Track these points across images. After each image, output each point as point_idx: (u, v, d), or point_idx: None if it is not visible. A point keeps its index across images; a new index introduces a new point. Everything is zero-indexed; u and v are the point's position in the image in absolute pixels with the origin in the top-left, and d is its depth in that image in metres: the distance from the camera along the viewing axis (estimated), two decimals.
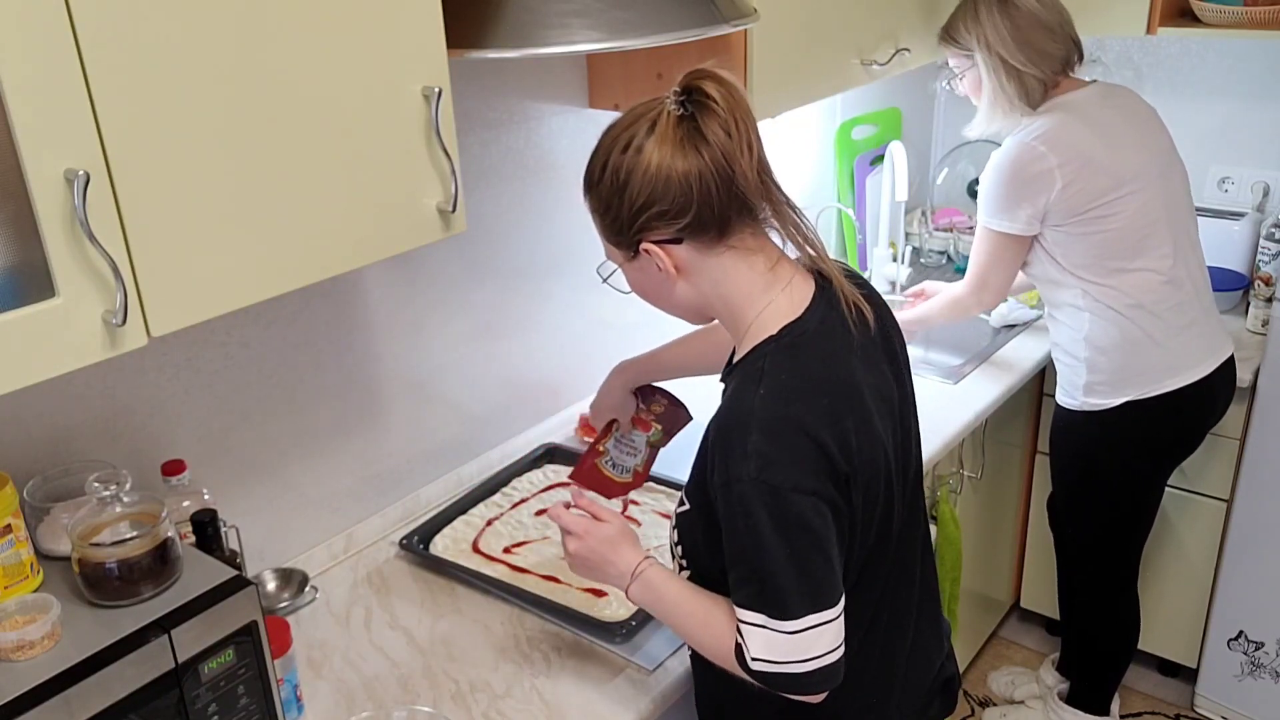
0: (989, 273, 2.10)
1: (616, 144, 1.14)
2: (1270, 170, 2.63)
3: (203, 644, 1.13)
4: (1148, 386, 2.05)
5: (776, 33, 1.77)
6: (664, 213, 1.13)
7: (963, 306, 2.19)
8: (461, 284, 1.85)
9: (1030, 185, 1.96)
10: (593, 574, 1.32)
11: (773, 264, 1.19)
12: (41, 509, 1.28)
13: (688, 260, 1.17)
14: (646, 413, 1.62)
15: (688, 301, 1.22)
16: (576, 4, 1.34)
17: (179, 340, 1.47)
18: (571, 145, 1.97)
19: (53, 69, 0.91)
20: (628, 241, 1.17)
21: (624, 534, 1.30)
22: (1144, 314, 2.01)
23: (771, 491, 1.08)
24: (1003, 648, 2.89)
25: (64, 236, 0.95)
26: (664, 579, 1.26)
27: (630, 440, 1.62)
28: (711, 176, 1.11)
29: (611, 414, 1.62)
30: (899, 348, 1.29)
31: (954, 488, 2.28)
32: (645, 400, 1.62)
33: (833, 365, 1.16)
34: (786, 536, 1.09)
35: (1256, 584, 2.42)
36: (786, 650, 1.11)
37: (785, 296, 1.18)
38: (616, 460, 1.62)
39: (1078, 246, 1.99)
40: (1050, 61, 2.00)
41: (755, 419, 1.10)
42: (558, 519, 1.33)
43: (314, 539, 1.72)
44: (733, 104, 1.10)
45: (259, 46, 1.06)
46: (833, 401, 1.13)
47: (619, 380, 1.61)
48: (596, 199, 1.18)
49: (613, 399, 1.61)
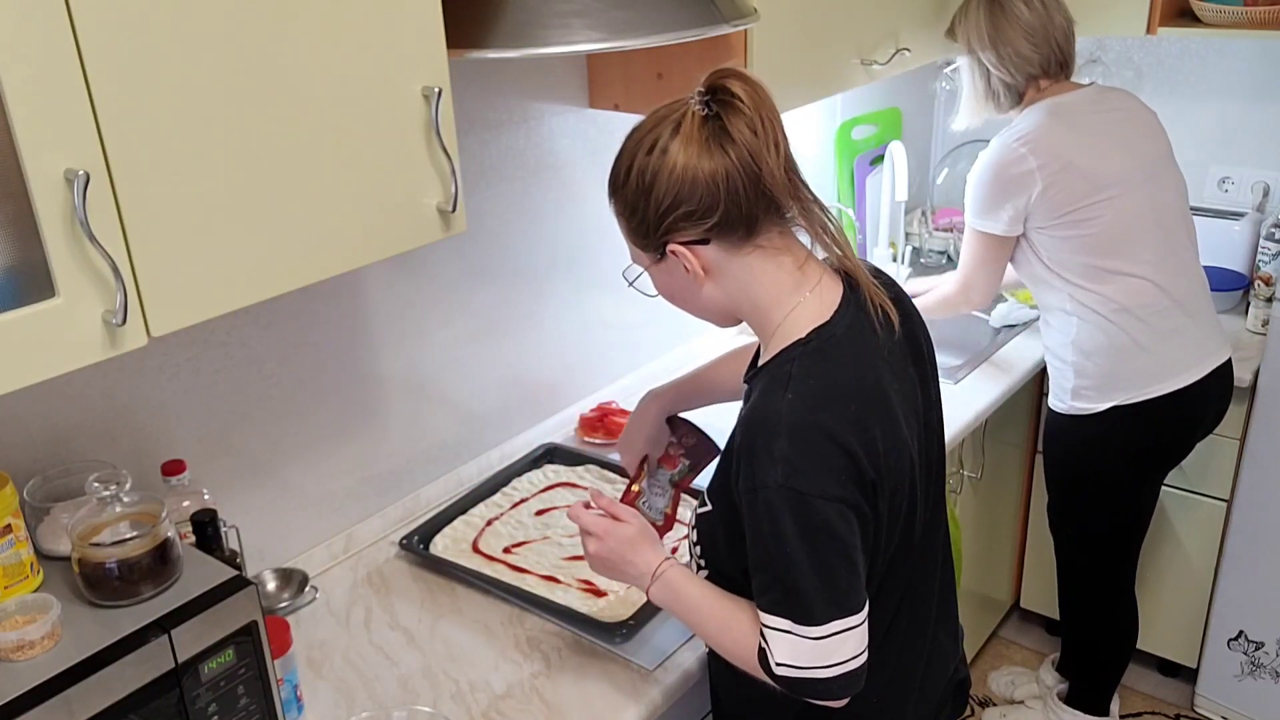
0: (974, 273, 2.12)
1: (641, 146, 1.14)
2: (1270, 170, 2.63)
3: (203, 644, 1.13)
4: (1134, 392, 2.05)
5: (776, 33, 1.77)
6: (691, 213, 1.12)
7: (951, 304, 2.21)
8: (461, 284, 1.85)
9: (1011, 186, 1.97)
10: (612, 574, 1.32)
11: (801, 264, 1.18)
12: (41, 509, 1.28)
13: (715, 261, 1.16)
14: (676, 446, 1.53)
15: (715, 303, 1.21)
16: (576, 4, 1.34)
17: (179, 340, 1.47)
18: (571, 145, 1.97)
19: (53, 69, 0.91)
20: (654, 244, 1.16)
21: (644, 534, 1.30)
22: (1130, 319, 2.01)
23: (798, 498, 1.08)
24: (1003, 648, 2.89)
25: (64, 236, 0.95)
26: (685, 580, 1.25)
27: (658, 479, 1.53)
28: (739, 175, 1.10)
29: (646, 447, 1.53)
30: (925, 348, 1.29)
31: (954, 488, 2.28)
32: (673, 433, 1.54)
33: (860, 371, 1.15)
34: (812, 543, 1.08)
35: (1256, 584, 2.42)
36: (811, 656, 1.11)
37: (814, 298, 1.17)
38: (650, 502, 1.52)
39: (1062, 249, 2.00)
40: (1024, 65, 2.01)
41: (783, 424, 1.10)
42: (577, 519, 1.32)
43: (314, 539, 1.72)
44: (758, 102, 1.10)
45: (259, 46, 1.06)
46: (860, 408, 1.12)
47: (655, 409, 1.53)
48: (622, 202, 1.17)
49: (647, 430, 1.53)
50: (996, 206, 2.00)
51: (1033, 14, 1.99)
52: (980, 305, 2.19)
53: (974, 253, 2.10)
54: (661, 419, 1.54)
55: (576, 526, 1.33)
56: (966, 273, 2.14)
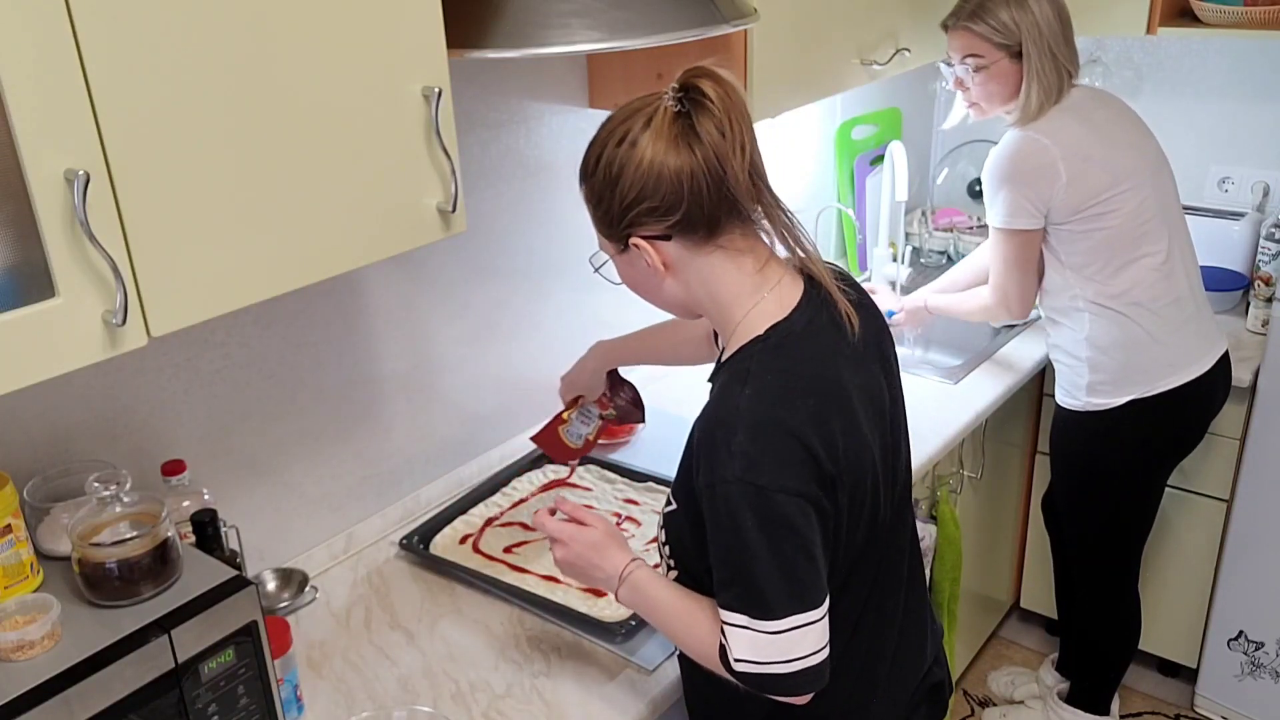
0: (1007, 279, 2.06)
1: (612, 136, 1.14)
2: (1270, 170, 2.63)
3: (203, 644, 1.13)
4: (1150, 384, 2.05)
5: (776, 33, 1.77)
6: (654, 209, 1.12)
7: (991, 313, 2.16)
8: (461, 284, 1.85)
9: (1033, 176, 1.95)
10: (581, 578, 1.33)
11: (762, 265, 1.19)
12: (41, 509, 1.28)
13: (676, 258, 1.17)
14: (609, 398, 1.75)
15: (676, 298, 1.22)
16: (576, 4, 1.34)
17: (179, 340, 1.47)
18: (571, 145, 1.97)
19: (53, 69, 0.91)
20: (618, 235, 1.17)
21: (609, 537, 1.30)
22: (1143, 311, 2.01)
23: (756, 492, 1.08)
24: (1003, 648, 2.89)
25: (64, 236, 0.95)
26: (650, 581, 1.26)
27: (588, 412, 1.76)
28: (703, 175, 1.10)
29: (581, 389, 1.75)
30: (889, 350, 1.29)
31: (954, 488, 2.28)
32: (613, 387, 1.75)
33: (819, 366, 1.15)
34: (771, 537, 1.08)
35: (1256, 584, 2.42)
36: (770, 651, 1.11)
37: (773, 297, 1.18)
38: (574, 429, 1.76)
39: (1079, 245, 1.99)
40: (1076, 58, 2.00)
41: (741, 419, 1.10)
42: (542, 526, 1.33)
43: (314, 539, 1.72)
44: (729, 104, 1.10)
45: (259, 46, 1.06)
46: (819, 403, 1.12)
47: (596, 361, 1.72)
48: (590, 190, 1.19)
49: (585, 377, 1.73)
50: (1020, 198, 1.97)
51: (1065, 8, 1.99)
52: (1021, 314, 2.11)
53: (1003, 256, 2.04)
54: (601, 372, 1.73)
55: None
56: (1000, 280, 2.08)
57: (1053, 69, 1.97)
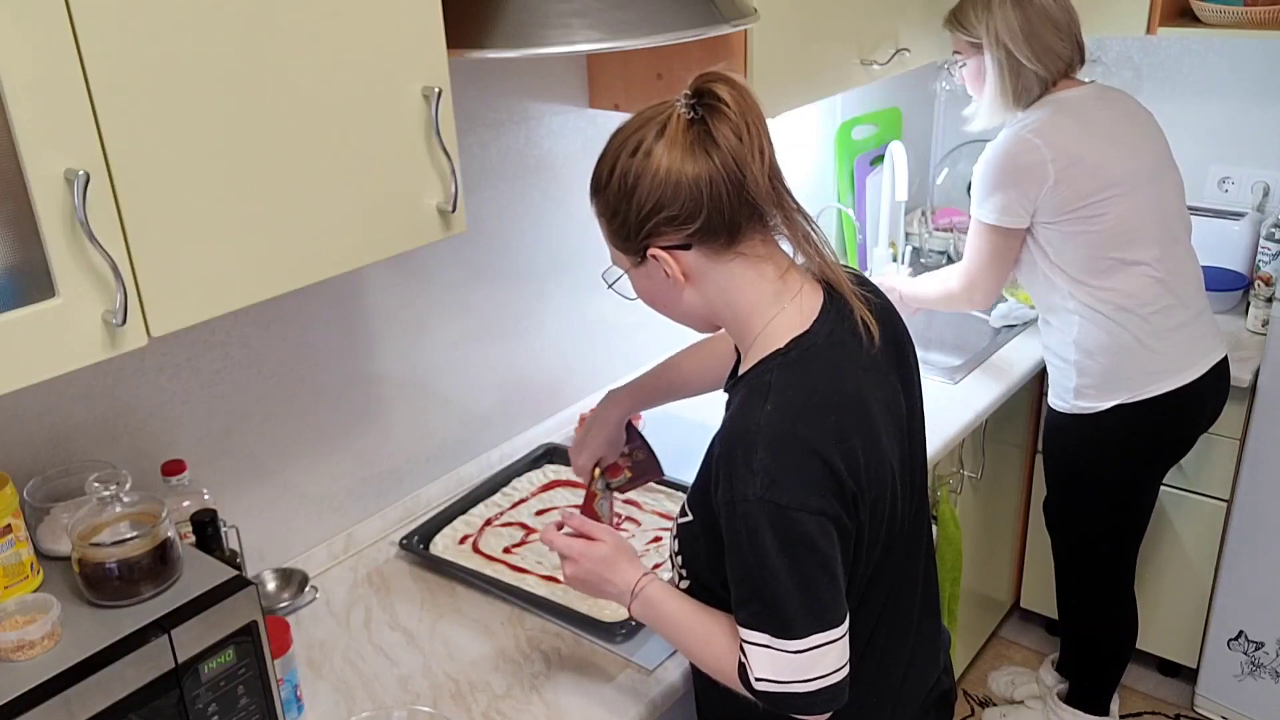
0: (979, 271, 2.08)
1: (625, 147, 1.12)
2: (1270, 170, 2.63)
3: (203, 644, 1.13)
4: (1136, 390, 2.05)
5: (776, 33, 1.77)
6: (673, 218, 1.11)
7: (954, 300, 2.18)
8: (461, 284, 1.85)
9: (1023, 175, 1.95)
10: (592, 593, 1.31)
11: (782, 272, 1.17)
12: (41, 509, 1.28)
13: (696, 267, 1.15)
14: (626, 457, 1.52)
15: (695, 309, 1.20)
16: (576, 4, 1.34)
17: (179, 340, 1.47)
18: (571, 145, 1.97)
19: (53, 69, 0.91)
20: (635, 247, 1.15)
21: (619, 551, 1.28)
22: (1132, 317, 2.01)
23: (777, 510, 1.07)
24: (1003, 648, 2.89)
25: (64, 236, 0.95)
26: (664, 595, 1.24)
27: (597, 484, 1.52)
28: (722, 181, 1.09)
29: (604, 449, 1.51)
30: (910, 355, 1.28)
31: (954, 488, 2.28)
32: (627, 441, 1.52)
33: (840, 381, 1.13)
34: (792, 556, 1.07)
35: (1256, 584, 2.42)
36: (791, 670, 1.10)
37: (794, 307, 1.16)
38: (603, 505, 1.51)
39: (1067, 246, 2.00)
40: (1055, 60, 1.99)
41: (762, 436, 1.08)
42: (550, 543, 1.31)
43: (314, 539, 1.72)
44: (744, 107, 1.09)
45: (259, 46, 1.06)
46: (840, 419, 1.11)
47: (616, 412, 1.51)
48: (604, 203, 1.16)
49: (607, 433, 1.50)
50: (1007, 196, 1.97)
51: (1056, 6, 1.98)
52: (983, 305, 2.16)
53: (980, 248, 2.06)
54: (623, 423, 1.52)
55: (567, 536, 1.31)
56: (972, 270, 2.10)
57: (1011, 72, 1.99)
